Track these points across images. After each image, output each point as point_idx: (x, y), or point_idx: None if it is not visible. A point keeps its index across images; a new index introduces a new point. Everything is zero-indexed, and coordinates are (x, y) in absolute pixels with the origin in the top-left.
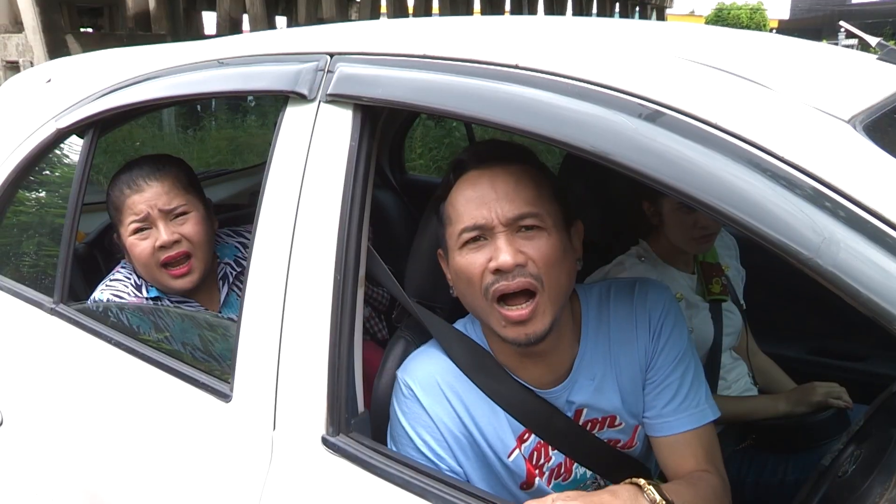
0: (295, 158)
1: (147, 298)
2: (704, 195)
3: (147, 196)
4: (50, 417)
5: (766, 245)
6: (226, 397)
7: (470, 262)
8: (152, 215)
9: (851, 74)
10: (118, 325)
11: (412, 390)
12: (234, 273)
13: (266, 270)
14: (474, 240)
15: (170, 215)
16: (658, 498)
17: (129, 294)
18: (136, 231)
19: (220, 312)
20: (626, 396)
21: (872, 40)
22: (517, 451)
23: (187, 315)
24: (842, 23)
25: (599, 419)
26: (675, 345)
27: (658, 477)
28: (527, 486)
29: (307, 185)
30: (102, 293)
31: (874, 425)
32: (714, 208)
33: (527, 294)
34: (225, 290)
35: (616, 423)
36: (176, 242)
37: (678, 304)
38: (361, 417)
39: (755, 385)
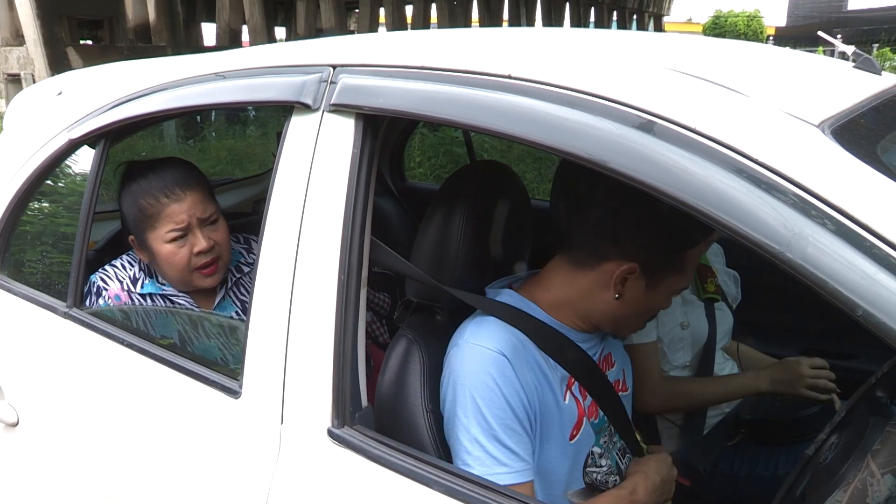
0: (300, 164)
1: (140, 294)
2: (684, 195)
3: (186, 206)
4: (64, 416)
5: (741, 240)
6: (235, 394)
7: None
8: (192, 224)
9: (826, 82)
10: (129, 327)
11: (505, 356)
12: (234, 279)
13: (273, 271)
14: None
15: (205, 223)
16: None
17: (118, 282)
18: (174, 239)
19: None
20: None
21: (848, 49)
22: (569, 392)
23: (196, 316)
24: (820, 33)
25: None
26: None
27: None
28: (576, 430)
29: (312, 189)
30: (95, 274)
31: (855, 415)
32: (694, 207)
33: None
34: (222, 293)
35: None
36: (211, 248)
37: None
38: (365, 411)
39: None
